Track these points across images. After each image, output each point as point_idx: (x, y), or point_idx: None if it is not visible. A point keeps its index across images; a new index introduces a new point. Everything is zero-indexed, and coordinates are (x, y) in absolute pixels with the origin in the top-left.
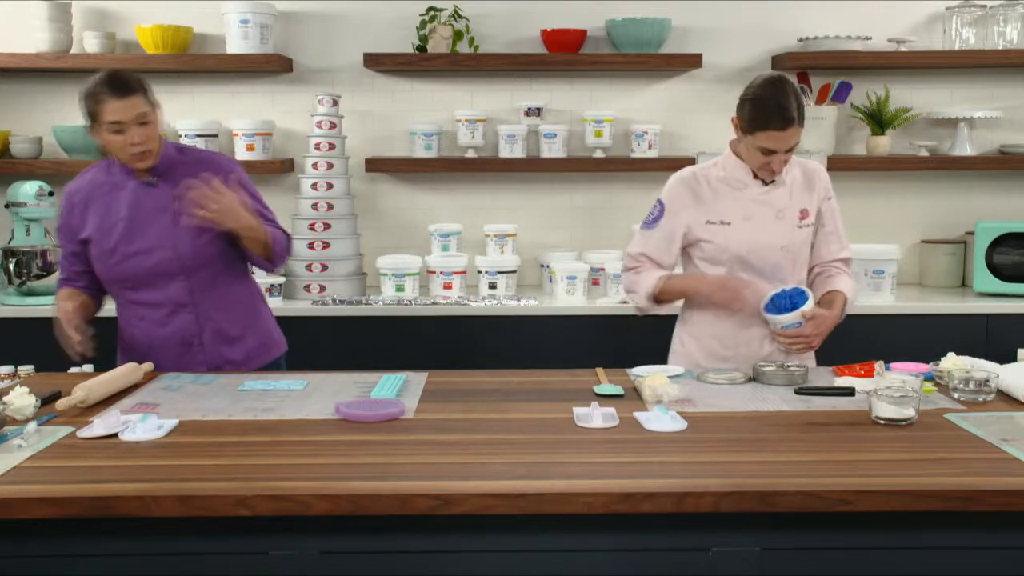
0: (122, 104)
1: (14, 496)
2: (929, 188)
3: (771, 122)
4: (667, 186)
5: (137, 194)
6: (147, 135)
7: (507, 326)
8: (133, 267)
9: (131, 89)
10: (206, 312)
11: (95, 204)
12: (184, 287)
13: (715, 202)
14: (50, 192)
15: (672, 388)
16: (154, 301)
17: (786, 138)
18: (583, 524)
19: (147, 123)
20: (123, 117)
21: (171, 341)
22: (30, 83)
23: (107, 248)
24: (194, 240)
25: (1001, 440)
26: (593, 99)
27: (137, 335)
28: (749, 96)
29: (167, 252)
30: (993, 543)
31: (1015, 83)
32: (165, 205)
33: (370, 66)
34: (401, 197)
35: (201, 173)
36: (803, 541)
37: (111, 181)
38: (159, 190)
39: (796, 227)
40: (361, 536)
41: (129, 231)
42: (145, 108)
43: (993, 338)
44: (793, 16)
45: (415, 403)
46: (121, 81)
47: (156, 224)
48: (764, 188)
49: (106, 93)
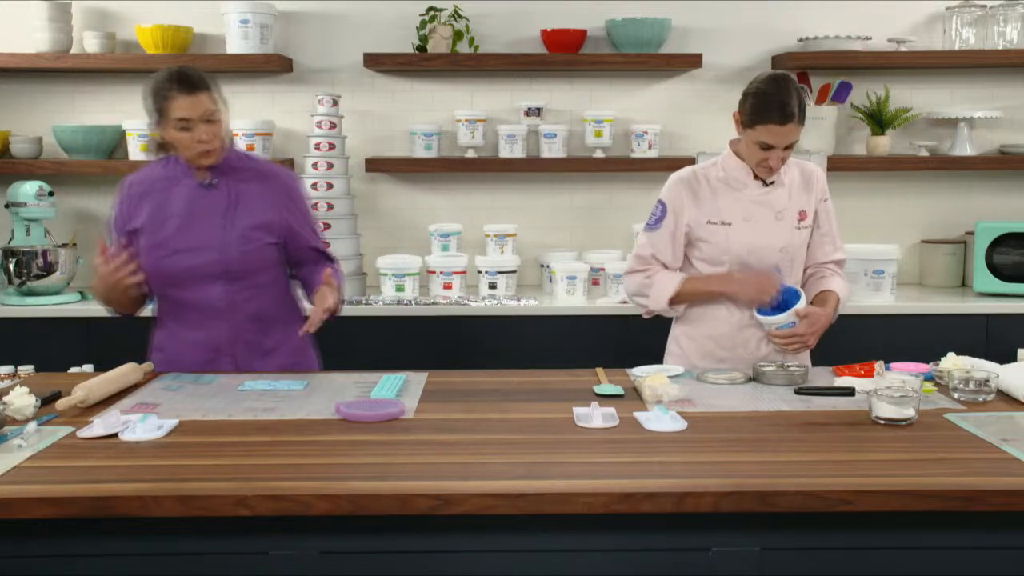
0: (190, 101)
1: (14, 496)
2: (929, 188)
3: (771, 116)
4: (667, 186)
5: (195, 193)
6: (213, 132)
7: (507, 326)
8: (178, 264)
9: (200, 86)
10: (241, 322)
11: (151, 197)
12: (224, 292)
13: (715, 202)
14: (50, 192)
15: (672, 388)
16: (193, 302)
17: (785, 133)
18: (583, 524)
19: (214, 121)
20: (191, 114)
21: (203, 345)
22: (30, 83)
23: (157, 241)
24: (242, 247)
25: (1001, 440)
26: (593, 99)
27: (171, 335)
28: (752, 90)
29: (213, 254)
30: (993, 543)
31: (1015, 83)
32: (220, 207)
33: (370, 66)
34: (401, 197)
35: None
36: (803, 541)
37: (170, 176)
38: (216, 192)
39: (795, 228)
40: (361, 536)
41: (182, 228)
42: (212, 106)
43: (993, 338)
44: (793, 16)
45: (415, 403)
46: (190, 78)
47: (208, 225)
48: (764, 189)
49: (175, 90)
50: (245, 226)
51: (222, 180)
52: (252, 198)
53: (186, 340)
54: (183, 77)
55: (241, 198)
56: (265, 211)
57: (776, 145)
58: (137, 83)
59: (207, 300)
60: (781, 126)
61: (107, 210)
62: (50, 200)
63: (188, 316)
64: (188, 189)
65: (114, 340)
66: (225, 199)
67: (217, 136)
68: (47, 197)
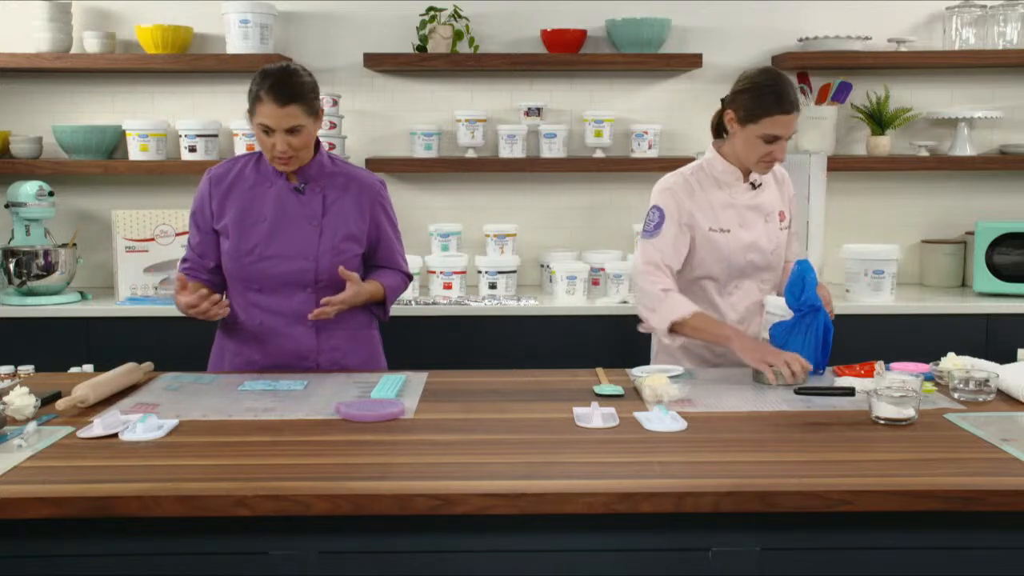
0: (278, 111)
1: (14, 496)
2: (929, 188)
3: (777, 106)
4: (657, 193)
5: (284, 197)
6: (293, 145)
7: (507, 326)
8: (267, 270)
9: (293, 98)
10: (327, 330)
11: (236, 194)
12: (312, 300)
13: (709, 208)
14: (50, 192)
15: (672, 388)
16: (278, 309)
17: (789, 123)
18: (583, 524)
19: (297, 133)
20: (275, 125)
21: (287, 351)
22: (30, 83)
23: (245, 247)
24: (334, 257)
25: (1001, 440)
26: (593, 99)
27: (246, 338)
28: (746, 86)
29: (306, 263)
30: (993, 543)
31: (1015, 83)
32: (311, 213)
33: (370, 66)
34: (401, 197)
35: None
36: (803, 541)
37: (258, 176)
38: (306, 197)
39: (779, 229)
40: (361, 536)
41: (271, 233)
42: (301, 120)
43: (993, 338)
44: (793, 16)
45: (415, 403)
46: (285, 87)
47: (299, 231)
48: (752, 192)
49: (267, 97)
50: (336, 236)
51: (311, 185)
52: (342, 206)
53: (270, 345)
54: (278, 84)
55: (331, 205)
56: (355, 220)
57: (783, 135)
58: (137, 83)
59: (290, 307)
60: (787, 115)
61: (107, 210)
62: (50, 200)
63: (272, 321)
64: (278, 191)
65: (114, 340)
66: (316, 206)
67: (297, 148)
68: (47, 197)
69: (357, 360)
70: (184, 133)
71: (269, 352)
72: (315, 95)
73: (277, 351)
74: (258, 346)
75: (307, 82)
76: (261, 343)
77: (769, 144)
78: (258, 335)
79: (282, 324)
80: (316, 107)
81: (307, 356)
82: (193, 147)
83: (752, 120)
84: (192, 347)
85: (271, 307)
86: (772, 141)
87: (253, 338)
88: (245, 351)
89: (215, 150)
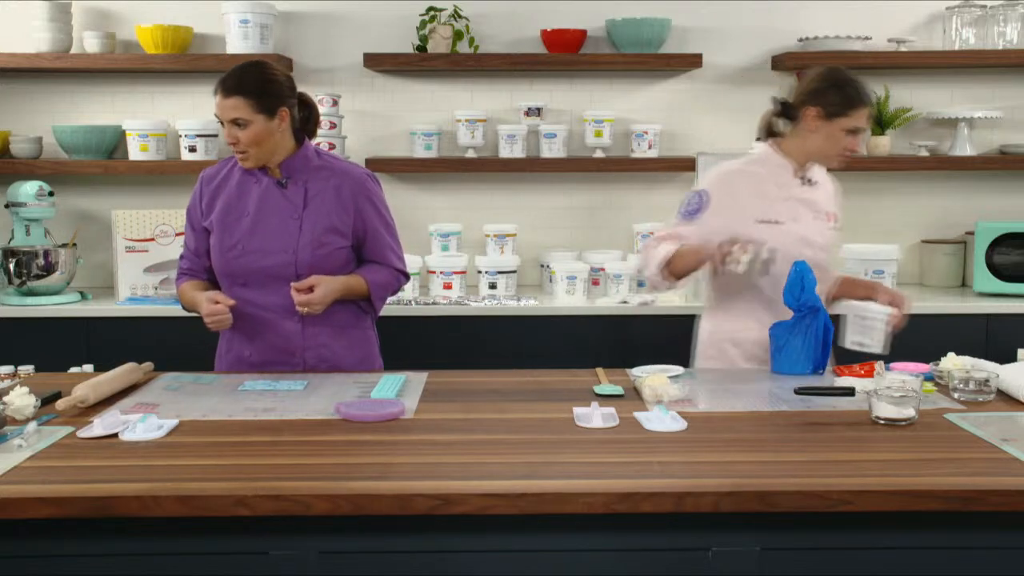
0: (223, 103)
1: (14, 496)
2: (929, 188)
3: (863, 99)
4: (712, 180)
5: (268, 192)
6: (240, 139)
7: (507, 326)
8: (249, 264)
9: (235, 91)
10: (313, 325)
11: (223, 192)
12: None
13: (762, 200)
14: (50, 192)
15: (672, 388)
16: (264, 303)
17: (869, 116)
18: (583, 524)
19: (243, 127)
20: (219, 115)
21: (274, 346)
22: (30, 83)
23: (229, 242)
24: (315, 250)
25: (1001, 440)
26: (593, 99)
27: (237, 335)
28: (829, 84)
29: (286, 256)
30: (993, 543)
31: (1015, 83)
32: (293, 208)
33: (370, 66)
34: (401, 197)
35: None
36: (803, 541)
37: (247, 173)
38: (289, 191)
39: (828, 228)
40: (361, 536)
41: (253, 227)
42: (243, 114)
43: (993, 338)
44: (793, 16)
45: (415, 403)
46: (232, 80)
47: (281, 225)
48: (805, 187)
49: (217, 87)
50: (317, 228)
51: (295, 178)
52: (324, 199)
53: (256, 339)
54: (228, 76)
55: (313, 198)
56: (338, 213)
57: (865, 127)
58: (137, 83)
59: (276, 301)
60: (870, 108)
61: (107, 210)
62: (50, 200)
63: (259, 315)
64: (263, 188)
65: (114, 340)
66: (297, 199)
67: (244, 142)
68: (47, 197)
69: (351, 361)
70: (184, 133)
71: (257, 347)
72: (271, 95)
73: (265, 346)
74: (247, 341)
75: (265, 79)
76: (250, 338)
77: (852, 136)
78: (246, 330)
79: (268, 318)
80: (269, 105)
81: (294, 352)
82: (193, 147)
83: (842, 114)
84: (192, 347)
85: (257, 301)
86: (855, 133)
87: (242, 333)
88: (236, 346)
89: (215, 150)
